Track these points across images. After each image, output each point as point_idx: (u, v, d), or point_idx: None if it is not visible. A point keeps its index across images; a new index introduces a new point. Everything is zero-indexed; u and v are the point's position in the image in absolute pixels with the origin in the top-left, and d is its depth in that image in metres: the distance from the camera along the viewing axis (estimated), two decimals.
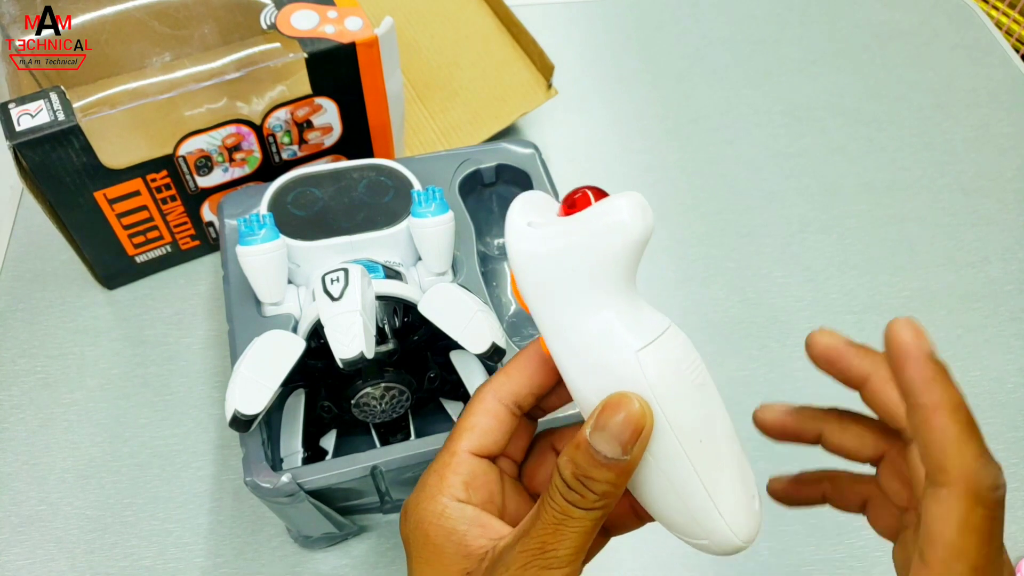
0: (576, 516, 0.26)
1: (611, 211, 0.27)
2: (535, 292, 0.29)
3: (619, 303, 0.28)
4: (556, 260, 0.28)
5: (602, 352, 0.27)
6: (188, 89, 0.50)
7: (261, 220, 0.43)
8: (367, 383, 0.44)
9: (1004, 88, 0.76)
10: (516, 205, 0.30)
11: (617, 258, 0.27)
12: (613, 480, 0.26)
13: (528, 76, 0.68)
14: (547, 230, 0.28)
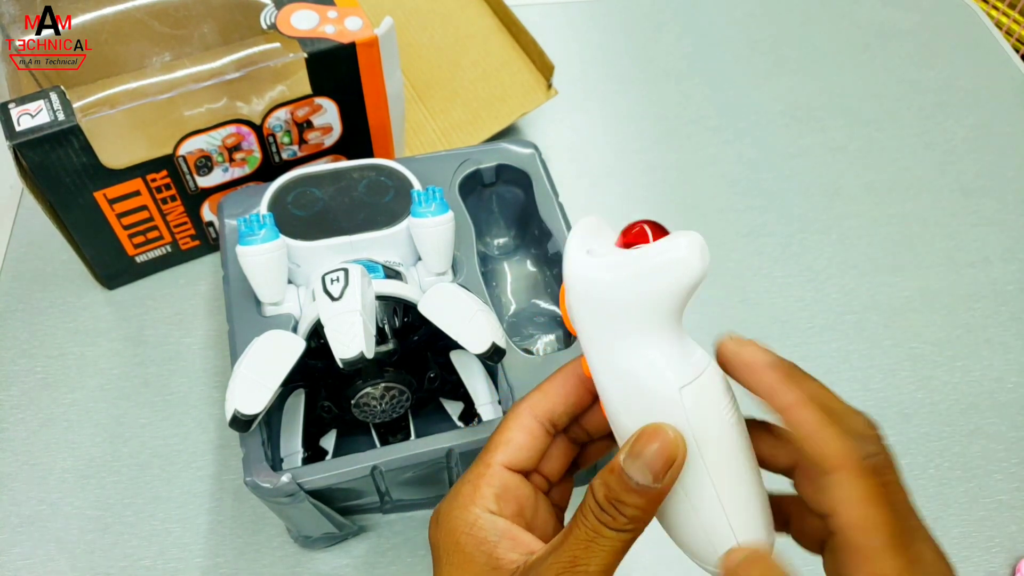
0: (607, 536, 0.27)
1: (672, 249, 0.28)
2: (587, 318, 0.30)
3: (667, 337, 0.29)
4: (613, 291, 0.29)
5: (646, 384, 0.28)
6: (188, 89, 0.50)
7: (261, 220, 0.43)
8: (367, 383, 0.44)
9: (1004, 88, 0.76)
10: (576, 230, 0.31)
11: (672, 296, 0.28)
12: (643, 506, 0.27)
13: (528, 76, 0.68)
14: (607, 260, 0.29)
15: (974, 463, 0.53)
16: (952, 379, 0.57)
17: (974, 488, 0.52)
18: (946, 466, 0.53)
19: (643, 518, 0.27)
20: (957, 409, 0.55)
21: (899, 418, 0.55)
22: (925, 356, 0.58)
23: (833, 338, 0.59)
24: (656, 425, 0.27)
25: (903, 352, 0.58)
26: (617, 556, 0.27)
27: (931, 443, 0.54)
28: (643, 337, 0.29)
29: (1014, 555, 0.49)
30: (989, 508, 0.51)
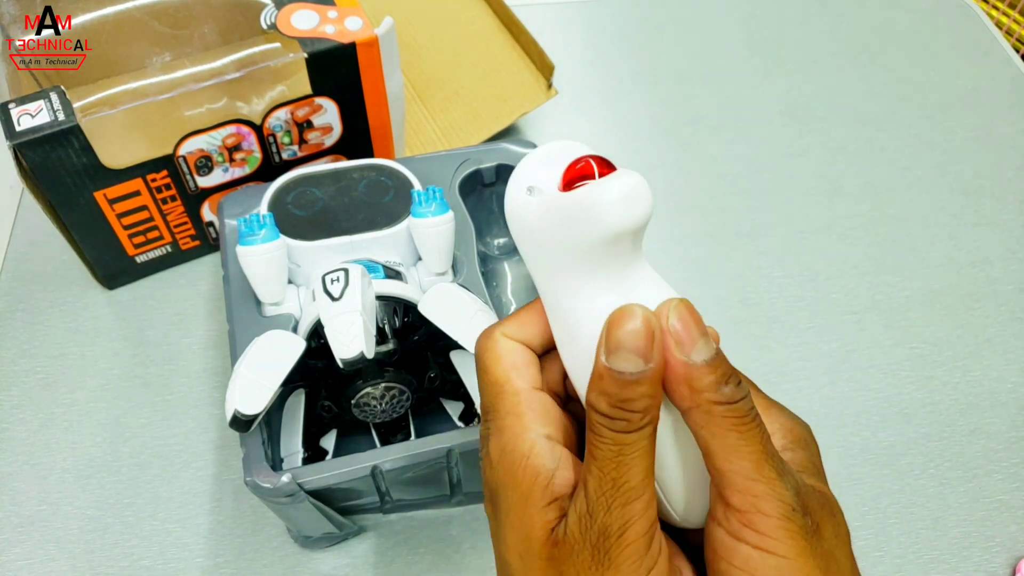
0: (631, 441, 0.25)
1: (606, 192, 0.26)
2: (528, 257, 0.29)
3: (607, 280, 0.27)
4: (547, 235, 0.27)
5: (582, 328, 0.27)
6: (188, 89, 0.50)
7: (261, 220, 0.43)
8: (367, 383, 0.44)
9: (1004, 88, 0.76)
10: (525, 164, 0.29)
11: (608, 241, 0.26)
12: (648, 392, 0.25)
13: (528, 76, 0.68)
14: (542, 200, 0.28)
15: (974, 463, 0.53)
16: (952, 379, 0.57)
17: (974, 488, 0.52)
18: (946, 466, 0.53)
19: (654, 404, 0.25)
20: (957, 409, 0.55)
21: (899, 418, 0.55)
22: (925, 356, 0.58)
23: (833, 338, 0.59)
24: (620, 309, 0.26)
25: (903, 352, 0.58)
26: (650, 455, 0.26)
27: (931, 443, 0.54)
28: (581, 278, 0.27)
29: (1014, 555, 0.49)
30: (989, 508, 0.51)
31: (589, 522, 0.25)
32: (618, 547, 0.25)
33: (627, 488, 0.25)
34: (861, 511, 0.51)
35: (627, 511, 0.25)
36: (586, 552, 0.25)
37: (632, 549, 0.25)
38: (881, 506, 0.51)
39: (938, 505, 0.51)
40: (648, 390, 0.25)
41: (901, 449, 0.53)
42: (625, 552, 0.25)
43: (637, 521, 0.25)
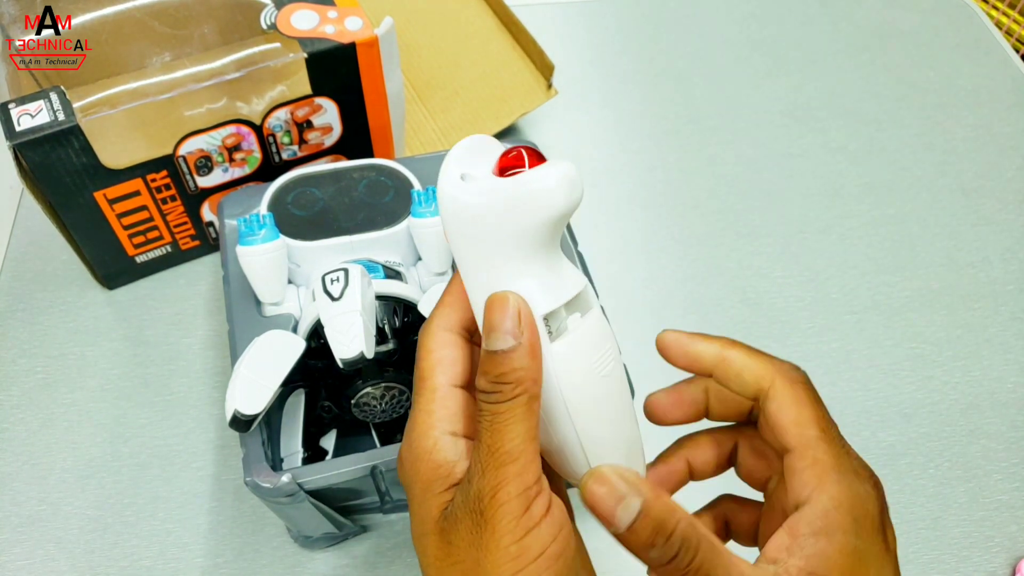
0: (503, 410, 0.27)
1: (539, 180, 0.28)
2: (457, 241, 0.30)
3: (534, 266, 0.29)
4: (479, 219, 0.29)
5: None
6: (188, 89, 0.50)
7: (261, 220, 0.43)
8: (367, 383, 0.44)
9: (1004, 88, 0.76)
10: (455, 152, 0.30)
11: (537, 226, 0.28)
12: (521, 364, 0.27)
13: (528, 76, 0.68)
14: (477, 186, 0.29)
15: (974, 463, 0.53)
16: (952, 379, 0.57)
17: (974, 488, 0.52)
18: (946, 466, 0.53)
19: (527, 376, 0.27)
20: (957, 409, 0.55)
21: (899, 418, 0.55)
22: (925, 356, 0.58)
23: (833, 338, 0.59)
24: (492, 296, 0.28)
25: (903, 352, 0.58)
26: (523, 423, 0.27)
27: (931, 443, 0.54)
28: (509, 268, 0.29)
29: (1014, 555, 0.49)
30: (989, 508, 0.51)
31: (468, 488, 0.27)
32: (491, 507, 0.26)
33: (500, 453, 0.27)
34: None
35: (500, 473, 0.26)
36: (468, 519, 0.27)
37: (506, 509, 0.26)
38: None
39: (938, 505, 0.51)
40: (518, 363, 0.27)
41: (901, 449, 0.53)
42: (499, 512, 0.26)
43: (510, 482, 0.26)
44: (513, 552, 0.26)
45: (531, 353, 0.28)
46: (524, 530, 0.26)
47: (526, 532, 0.26)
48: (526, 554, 0.26)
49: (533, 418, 0.27)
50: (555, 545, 0.27)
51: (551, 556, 0.26)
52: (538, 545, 0.26)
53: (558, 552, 0.27)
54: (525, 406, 0.27)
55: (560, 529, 0.27)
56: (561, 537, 0.27)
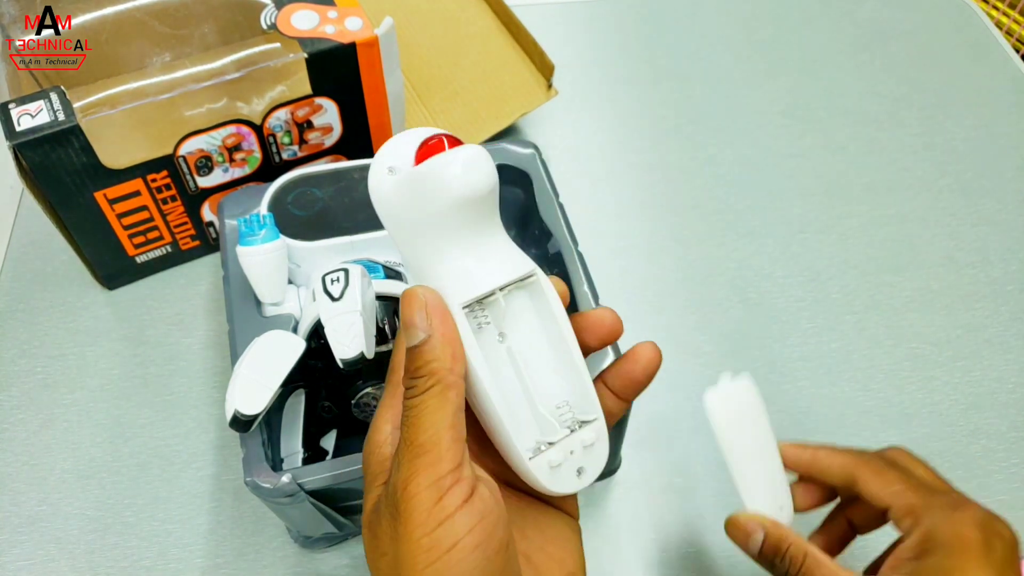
0: (417, 404, 0.27)
1: (442, 166, 0.28)
2: (392, 236, 0.31)
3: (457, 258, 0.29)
4: (400, 208, 0.29)
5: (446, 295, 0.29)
6: (188, 89, 0.50)
7: (261, 220, 0.43)
8: (367, 383, 0.44)
9: (1004, 88, 0.76)
10: (384, 147, 0.31)
11: (446, 213, 0.28)
12: (432, 357, 0.28)
13: (528, 76, 0.68)
14: (399, 177, 0.30)
15: (974, 463, 0.53)
16: (952, 379, 0.57)
17: (974, 488, 0.52)
18: (946, 466, 0.53)
19: (439, 367, 0.27)
20: (957, 409, 0.55)
21: (900, 418, 0.55)
22: (925, 356, 0.58)
23: (833, 338, 0.59)
24: (403, 293, 0.29)
25: (903, 352, 0.58)
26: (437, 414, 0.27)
27: (932, 443, 0.54)
28: (431, 252, 0.29)
29: None
30: (989, 508, 0.51)
31: (388, 482, 0.27)
32: (404, 500, 0.26)
33: (414, 445, 0.27)
34: None
35: (412, 465, 0.26)
36: (387, 512, 0.27)
37: (416, 501, 0.26)
38: None
39: None
40: (428, 356, 0.28)
41: None
42: (410, 504, 0.26)
43: (420, 474, 0.26)
44: (425, 544, 0.26)
45: (444, 343, 0.28)
46: (436, 522, 0.26)
47: (438, 524, 0.26)
48: (438, 546, 0.26)
49: (448, 407, 0.27)
50: (471, 536, 0.26)
51: (466, 547, 0.26)
52: (450, 537, 0.26)
53: (475, 543, 0.26)
54: (438, 396, 0.27)
55: (480, 519, 0.26)
56: (480, 528, 0.26)
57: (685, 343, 0.57)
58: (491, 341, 0.30)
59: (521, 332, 0.30)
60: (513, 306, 0.30)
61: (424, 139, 0.30)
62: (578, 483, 0.30)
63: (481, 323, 0.30)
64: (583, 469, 0.30)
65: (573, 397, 0.31)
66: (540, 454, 0.29)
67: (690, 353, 0.57)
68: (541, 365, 0.31)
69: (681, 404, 0.54)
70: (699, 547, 0.49)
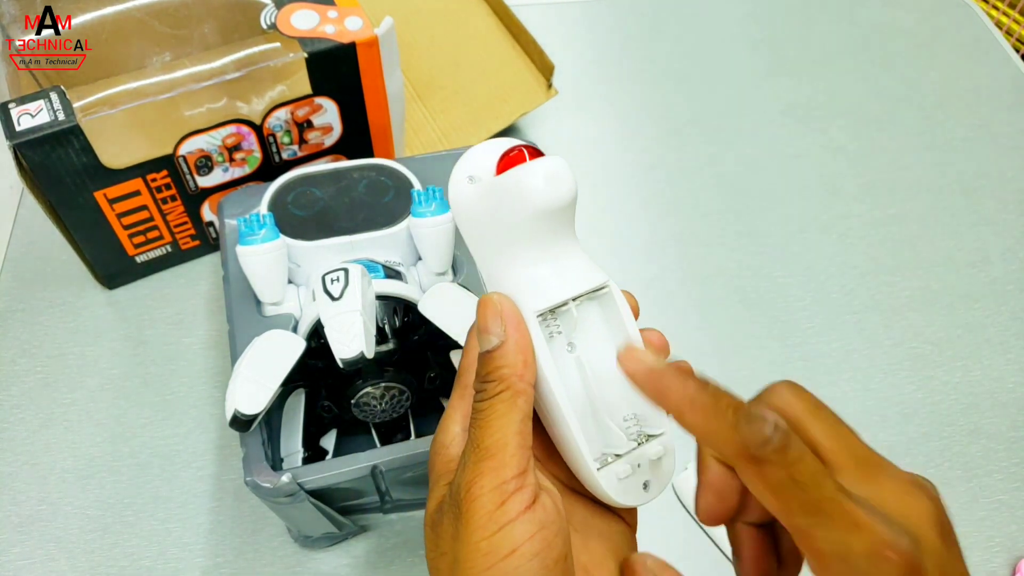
0: (486, 407, 0.28)
1: (524, 177, 0.29)
2: (470, 244, 0.31)
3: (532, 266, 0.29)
4: (480, 217, 0.30)
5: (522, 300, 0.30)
6: (188, 89, 0.50)
7: (261, 220, 0.43)
8: (367, 383, 0.44)
9: (1004, 88, 0.76)
10: (465, 156, 0.31)
11: (526, 222, 0.29)
12: (504, 362, 0.28)
13: (528, 76, 0.68)
14: (480, 187, 0.30)
15: (974, 463, 0.53)
16: (952, 379, 0.57)
17: (974, 488, 0.52)
18: (946, 466, 0.53)
19: (510, 373, 0.28)
20: (957, 409, 0.55)
21: (899, 418, 0.55)
22: (925, 356, 0.58)
23: (833, 338, 0.59)
24: (480, 300, 0.29)
25: (903, 352, 0.58)
26: (503, 419, 0.27)
27: (931, 443, 0.54)
28: (508, 260, 0.30)
29: (1014, 555, 0.49)
30: (989, 508, 0.51)
31: (453, 483, 0.28)
32: (467, 501, 0.26)
33: (481, 448, 0.27)
34: None
35: (477, 468, 0.27)
36: (450, 512, 0.27)
37: (479, 504, 0.26)
38: None
39: None
40: (501, 361, 0.28)
41: (901, 449, 0.53)
42: (473, 506, 0.26)
43: (485, 477, 0.26)
44: (484, 548, 0.26)
45: (516, 350, 0.28)
46: (497, 526, 0.26)
47: (499, 528, 0.26)
48: (496, 551, 0.26)
49: (516, 413, 0.27)
50: (530, 544, 0.26)
51: (524, 555, 0.26)
52: (509, 542, 0.26)
53: (534, 552, 0.26)
54: (508, 402, 0.27)
55: (541, 528, 0.26)
56: (540, 537, 0.26)
57: (685, 343, 0.57)
58: (561, 350, 0.30)
59: (591, 343, 0.31)
60: (584, 317, 0.31)
61: (506, 150, 0.30)
62: (645, 496, 0.31)
63: (552, 332, 0.30)
64: (649, 483, 0.31)
65: (640, 410, 0.31)
66: (607, 465, 0.30)
67: (690, 353, 0.57)
68: (610, 377, 0.30)
69: None
70: (698, 547, 0.49)
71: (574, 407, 0.29)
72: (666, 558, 0.44)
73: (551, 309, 0.29)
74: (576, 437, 0.29)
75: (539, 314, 0.29)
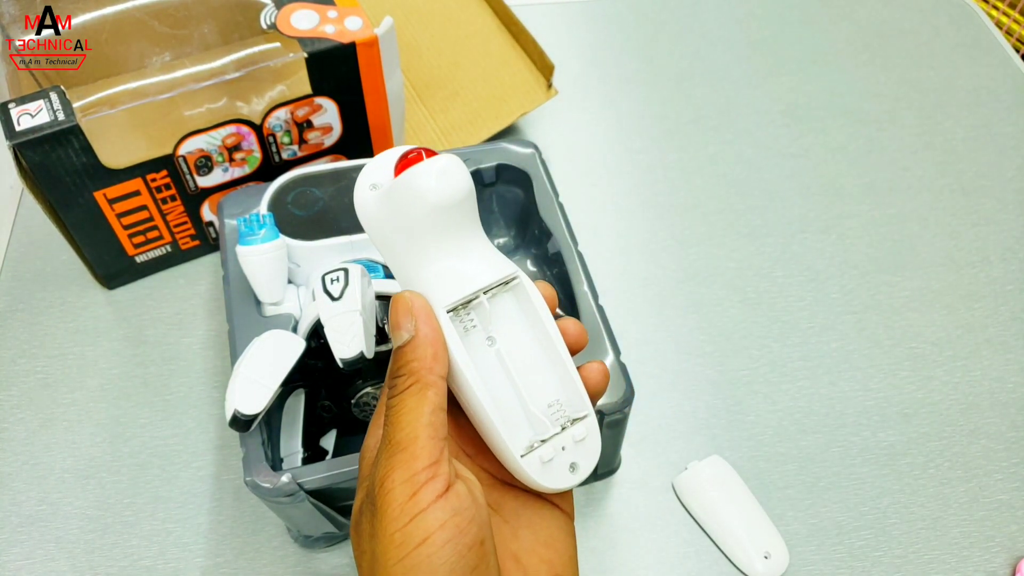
0: (396, 403, 0.28)
1: (416, 176, 0.29)
2: (379, 249, 0.32)
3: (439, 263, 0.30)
4: (384, 222, 0.31)
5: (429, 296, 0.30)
6: (188, 89, 0.50)
7: (261, 220, 0.43)
8: (367, 383, 0.44)
9: (1004, 88, 0.76)
10: (367, 166, 0.32)
11: (423, 220, 0.30)
12: (412, 356, 0.29)
13: (528, 76, 0.68)
14: (380, 192, 0.31)
15: (974, 463, 0.53)
16: (952, 379, 0.57)
17: (974, 488, 0.52)
18: (946, 466, 0.53)
19: (419, 367, 0.28)
20: (957, 409, 0.55)
21: (899, 418, 0.55)
22: (925, 356, 0.58)
23: (833, 338, 0.59)
24: (392, 298, 0.30)
25: (903, 352, 0.58)
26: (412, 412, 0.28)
27: (931, 443, 0.54)
28: (414, 260, 0.30)
29: (1014, 555, 0.49)
30: (989, 508, 0.51)
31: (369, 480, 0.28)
32: (381, 495, 0.27)
33: (393, 442, 0.27)
34: (861, 511, 0.51)
35: (390, 463, 0.27)
36: (368, 510, 0.28)
37: (391, 496, 0.26)
38: (881, 506, 0.51)
39: (938, 505, 0.51)
40: (411, 355, 0.29)
41: (901, 449, 0.53)
42: (387, 499, 0.27)
43: (396, 470, 0.27)
44: (397, 539, 0.26)
45: (425, 343, 0.28)
46: (409, 516, 0.26)
47: (411, 518, 0.26)
48: (409, 540, 0.26)
49: (426, 405, 0.28)
50: (442, 532, 0.26)
51: (436, 542, 0.26)
52: (421, 531, 0.26)
53: (446, 538, 0.26)
54: (417, 395, 0.28)
55: (453, 515, 0.26)
56: (452, 524, 0.26)
57: (685, 343, 0.57)
58: (480, 344, 0.31)
59: (509, 334, 0.31)
60: (499, 309, 0.31)
61: (403, 153, 0.31)
62: (572, 479, 0.31)
63: (467, 326, 0.31)
64: (576, 465, 0.31)
65: (563, 395, 0.31)
66: (532, 451, 0.30)
67: (690, 353, 0.57)
68: (530, 365, 0.31)
69: (681, 404, 0.54)
70: (698, 547, 0.49)
71: (495, 397, 0.30)
72: (666, 558, 0.44)
73: (463, 303, 0.30)
74: (496, 426, 0.29)
75: (450, 308, 0.30)
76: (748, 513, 0.49)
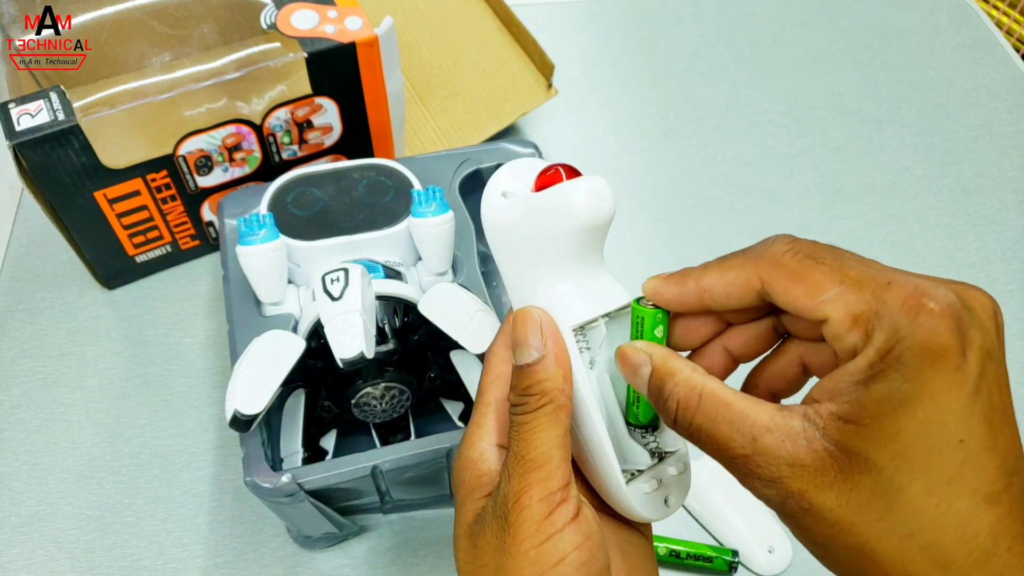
0: (528, 420, 0.28)
1: (568, 194, 0.29)
2: (498, 256, 0.32)
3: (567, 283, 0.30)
4: (517, 234, 0.30)
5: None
6: (188, 89, 0.50)
7: (261, 220, 0.43)
8: (367, 383, 0.44)
9: (1004, 88, 0.76)
10: (499, 173, 0.32)
11: (565, 239, 0.29)
12: (545, 376, 0.28)
13: (528, 76, 0.68)
14: (515, 201, 0.31)
15: None
16: None
17: None
18: None
19: (552, 387, 0.28)
20: None
21: None
22: None
23: None
24: (517, 313, 0.30)
25: None
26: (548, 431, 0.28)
27: None
28: (542, 276, 0.30)
29: None
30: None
31: (496, 494, 0.28)
32: (515, 512, 0.27)
33: (526, 460, 0.27)
34: None
35: (524, 479, 0.27)
36: (494, 523, 0.27)
37: (527, 513, 0.26)
38: None
39: None
40: (542, 375, 0.28)
41: None
42: (521, 516, 0.27)
43: (533, 487, 0.27)
44: (532, 557, 0.26)
45: (556, 363, 0.28)
46: (545, 535, 0.26)
47: (547, 537, 0.26)
48: (546, 559, 0.26)
49: (559, 427, 0.28)
50: (577, 553, 0.26)
51: (572, 563, 0.26)
52: (557, 552, 0.26)
53: (581, 561, 0.26)
54: (551, 415, 0.28)
55: (586, 539, 0.27)
56: (586, 547, 0.27)
57: None
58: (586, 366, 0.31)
59: (608, 360, 0.31)
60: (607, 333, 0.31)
61: (543, 168, 0.31)
62: (666, 511, 0.31)
63: (581, 348, 0.30)
64: (669, 498, 0.31)
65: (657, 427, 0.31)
66: (633, 480, 0.30)
67: None
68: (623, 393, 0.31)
69: None
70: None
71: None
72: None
73: (582, 325, 0.30)
74: (607, 451, 0.29)
75: (573, 329, 0.29)
76: (750, 508, 0.49)
